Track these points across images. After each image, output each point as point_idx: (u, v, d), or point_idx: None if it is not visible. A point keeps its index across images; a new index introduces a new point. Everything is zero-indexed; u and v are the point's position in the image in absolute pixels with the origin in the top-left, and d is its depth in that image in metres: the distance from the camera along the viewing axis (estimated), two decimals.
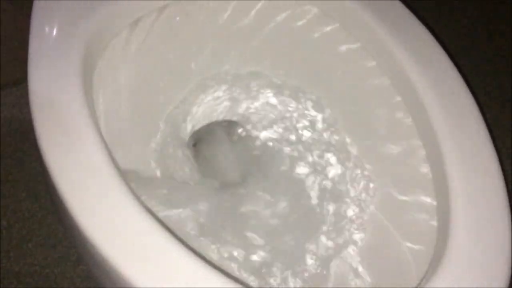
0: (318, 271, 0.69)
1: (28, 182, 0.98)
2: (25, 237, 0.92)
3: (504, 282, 0.49)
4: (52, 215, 0.95)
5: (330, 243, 0.72)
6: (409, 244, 0.64)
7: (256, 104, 0.83)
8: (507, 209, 0.53)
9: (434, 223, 0.59)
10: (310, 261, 0.70)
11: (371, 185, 0.74)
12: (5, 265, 0.90)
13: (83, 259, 0.73)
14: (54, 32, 0.65)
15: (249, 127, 0.84)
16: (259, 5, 0.79)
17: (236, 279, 0.49)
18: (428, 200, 0.62)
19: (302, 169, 0.79)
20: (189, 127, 0.82)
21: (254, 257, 0.69)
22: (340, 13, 0.73)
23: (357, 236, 0.72)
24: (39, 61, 0.63)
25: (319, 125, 0.81)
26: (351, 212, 0.73)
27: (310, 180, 0.77)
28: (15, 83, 1.07)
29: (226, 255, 0.68)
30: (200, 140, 0.86)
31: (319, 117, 0.82)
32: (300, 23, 0.78)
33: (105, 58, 0.69)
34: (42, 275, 0.89)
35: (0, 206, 0.95)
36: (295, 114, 0.83)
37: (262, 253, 0.69)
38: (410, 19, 0.69)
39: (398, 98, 0.68)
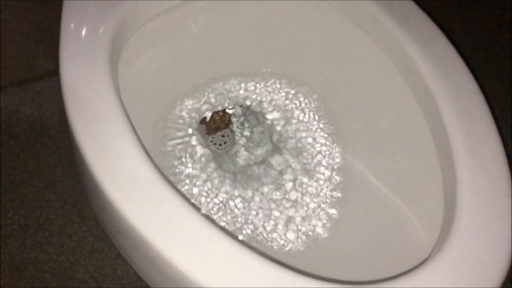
0: None
1: (45, 173, 1.01)
2: (41, 226, 0.95)
3: (505, 265, 0.52)
4: (68, 205, 0.98)
5: None
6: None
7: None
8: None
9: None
10: None
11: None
12: (22, 252, 0.92)
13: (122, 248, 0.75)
14: (84, 23, 0.69)
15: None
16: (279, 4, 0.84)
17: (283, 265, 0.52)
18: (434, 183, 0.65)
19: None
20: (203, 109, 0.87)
21: None
22: (354, 11, 0.77)
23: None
24: (70, 50, 0.67)
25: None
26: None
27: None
28: (36, 79, 1.11)
29: None
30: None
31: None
32: (316, 21, 0.82)
33: (131, 46, 0.73)
34: (58, 262, 0.92)
35: (19, 195, 0.98)
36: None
37: None
38: (422, 18, 0.73)
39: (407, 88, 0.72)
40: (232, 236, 0.53)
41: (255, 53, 0.89)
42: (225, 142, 0.89)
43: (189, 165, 0.83)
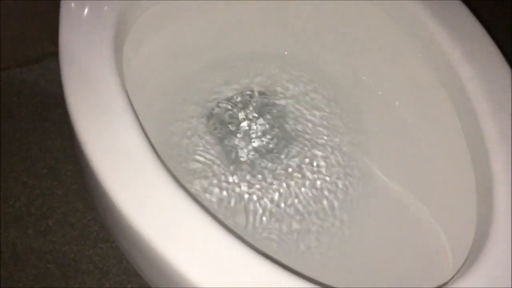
0: None
1: (48, 159, 0.98)
2: (44, 214, 0.92)
3: None
4: (72, 192, 0.94)
5: None
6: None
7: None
8: None
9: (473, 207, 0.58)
10: None
11: None
12: (24, 241, 0.89)
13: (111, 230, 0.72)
14: (86, 3, 0.64)
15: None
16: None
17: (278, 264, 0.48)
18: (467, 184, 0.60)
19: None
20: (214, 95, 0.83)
21: None
22: (397, 10, 0.71)
23: None
24: (71, 32, 0.63)
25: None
26: None
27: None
28: (38, 60, 1.07)
29: None
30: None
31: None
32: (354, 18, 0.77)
33: (136, 29, 0.68)
34: (61, 252, 0.89)
35: (21, 182, 0.94)
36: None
37: None
38: (470, 19, 0.67)
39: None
40: (240, 238, 0.49)
41: (274, 35, 0.83)
42: (236, 131, 0.83)
43: (197, 156, 0.78)
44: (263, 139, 0.82)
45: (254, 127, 0.83)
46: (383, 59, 0.76)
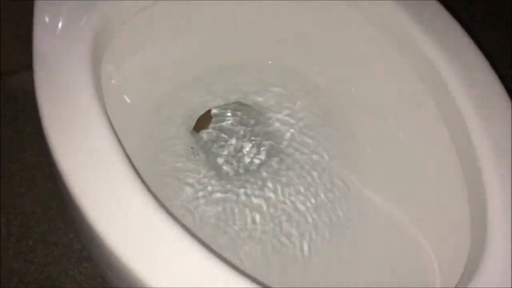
0: None
1: (25, 176, 0.94)
2: (24, 234, 0.89)
3: None
4: (51, 210, 0.91)
5: None
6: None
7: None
8: None
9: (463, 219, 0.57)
10: None
11: None
12: (5, 263, 0.86)
13: (91, 255, 0.70)
14: (61, 19, 0.62)
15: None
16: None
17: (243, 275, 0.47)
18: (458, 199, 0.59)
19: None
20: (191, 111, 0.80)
21: None
22: (372, 11, 0.70)
23: None
24: (45, 48, 0.60)
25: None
26: None
27: None
28: (12, 73, 1.03)
29: None
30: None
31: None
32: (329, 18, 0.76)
33: (116, 43, 0.66)
34: (44, 273, 0.86)
35: None
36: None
37: None
38: (447, 19, 0.66)
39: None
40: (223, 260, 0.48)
41: (258, 45, 0.81)
42: (219, 146, 0.81)
43: (182, 175, 0.75)
44: (247, 155, 0.80)
45: (238, 142, 0.80)
46: (373, 71, 0.75)
